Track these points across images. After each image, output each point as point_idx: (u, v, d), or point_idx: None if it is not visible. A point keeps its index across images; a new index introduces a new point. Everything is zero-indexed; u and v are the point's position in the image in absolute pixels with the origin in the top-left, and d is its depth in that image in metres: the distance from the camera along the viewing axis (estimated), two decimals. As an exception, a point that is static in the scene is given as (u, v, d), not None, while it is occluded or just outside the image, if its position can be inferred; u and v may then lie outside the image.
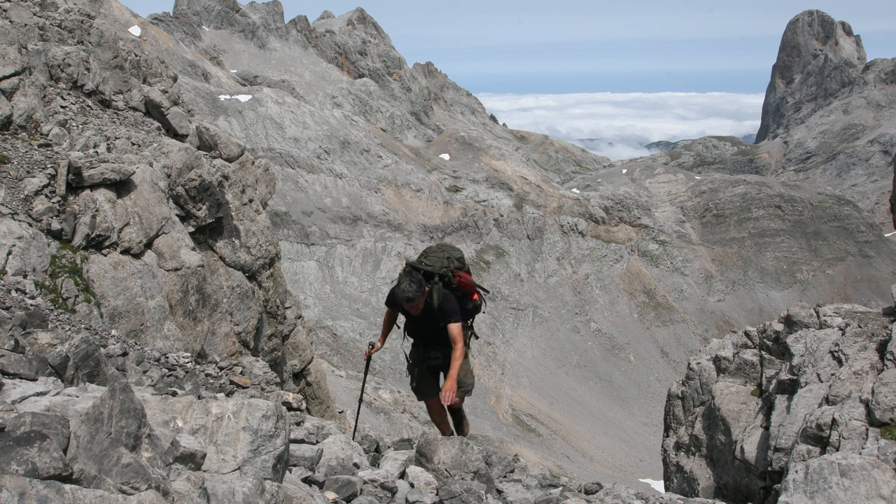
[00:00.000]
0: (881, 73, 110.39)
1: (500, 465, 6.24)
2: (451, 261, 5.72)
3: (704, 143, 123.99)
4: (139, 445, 2.31)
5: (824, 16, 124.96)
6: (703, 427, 8.47)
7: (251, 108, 58.75)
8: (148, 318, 8.80)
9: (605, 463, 44.50)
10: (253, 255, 11.94)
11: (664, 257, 67.70)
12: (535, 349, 55.60)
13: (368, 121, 73.84)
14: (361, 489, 4.40)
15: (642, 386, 56.33)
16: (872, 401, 5.12)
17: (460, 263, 5.79)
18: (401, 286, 5.33)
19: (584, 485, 6.40)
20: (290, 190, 54.85)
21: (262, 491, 2.49)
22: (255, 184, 13.18)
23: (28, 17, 10.61)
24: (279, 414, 3.01)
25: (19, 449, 1.82)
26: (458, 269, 5.75)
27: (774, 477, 5.99)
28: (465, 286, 5.75)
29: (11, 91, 9.44)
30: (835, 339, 6.54)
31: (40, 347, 4.02)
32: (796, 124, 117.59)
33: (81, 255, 8.35)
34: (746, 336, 8.61)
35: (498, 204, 64.28)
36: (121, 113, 11.26)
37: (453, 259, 5.74)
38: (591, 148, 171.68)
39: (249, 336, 11.35)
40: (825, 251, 70.30)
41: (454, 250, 5.84)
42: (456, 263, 5.74)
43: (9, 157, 8.48)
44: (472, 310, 5.88)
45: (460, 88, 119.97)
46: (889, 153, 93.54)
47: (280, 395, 7.83)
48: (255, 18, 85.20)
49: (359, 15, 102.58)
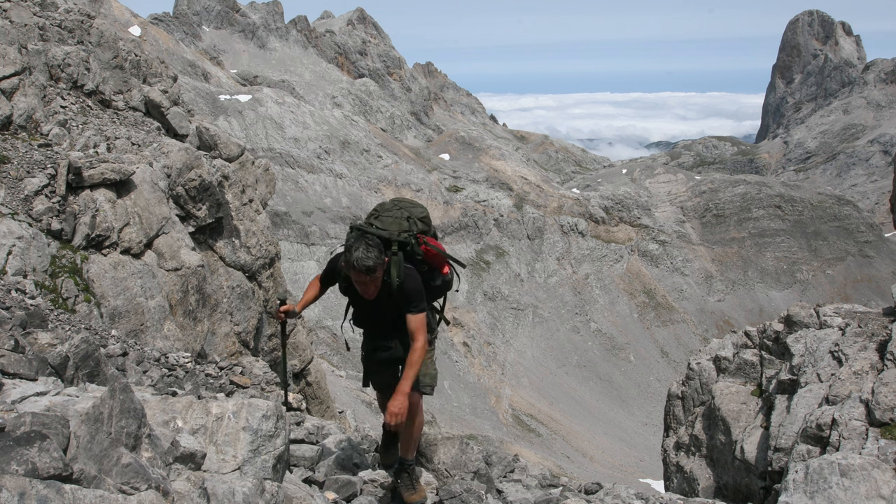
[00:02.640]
0: (881, 73, 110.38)
1: (500, 465, 6.24)
2: (413, 222, 4.24)
3: (704, 143, 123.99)
4: (139, 445, 2.31)
5: (824, 16, 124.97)
6: (703, 427, 8.47)
7: (251, 108, 58.75)
8: (148, 318, 8.80)
9: (605, 463, 44.50)
10: (253, 255, 11.94)
11: (664, 257, 67.70)
12: (535, 349, 55.60)
13: (368, 121, 73.84)
14: (361, 489, 4.40)
15: (642, 386, 56.34)
16: (872, 401, 5.12)
17: (425, 226, 4.31)
18: (354, 254, 3.86)
19: (584, 485, 6.39)
20: (290, 190, 54.85)
21: (262, 491, 2.49)
22: (255, 184, 13.18)
23: (28, 17, 10.61)
24: (279, 414, 3.01)
25: (19, 449, 1.82)
26: (423, 234, 4.29)
27: (774, 477, 5.99)
28: (432, 256, 4.28)
29: (11, 91, 9.44)
30: (835, 339, 6.54)
31: (40, 347, 4.02)
32: (796, 124, 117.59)
33: (81, 255, 8.35)
34: (746, 336, 8.60)
35: (498, 204, 64.28)
36: (121, 113, 11.26)
37: (415, 220, 4.26)
38: (591, 148, 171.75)
39: (249, 336, 11.35)
40: (825, 251, 70.31)
41: (416, 207, 4.35)
42: (419, 226, 4.26)
43: (9, 157, 8.48)
44: (440, 287, 4.43)
45: (460, 88, 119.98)
46: (889, 153, 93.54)
47: (280, 395, 7.82)
48: (255, 18, 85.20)
49: (359, 15, 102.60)
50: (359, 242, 3.89)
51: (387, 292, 4.08)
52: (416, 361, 4.02)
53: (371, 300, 4.12)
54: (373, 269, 3.86)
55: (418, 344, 4.04)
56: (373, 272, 3.87)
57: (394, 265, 4.06)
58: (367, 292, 4.03)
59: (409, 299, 4.07)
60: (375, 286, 4.00)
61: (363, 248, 3.86)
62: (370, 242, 3.90)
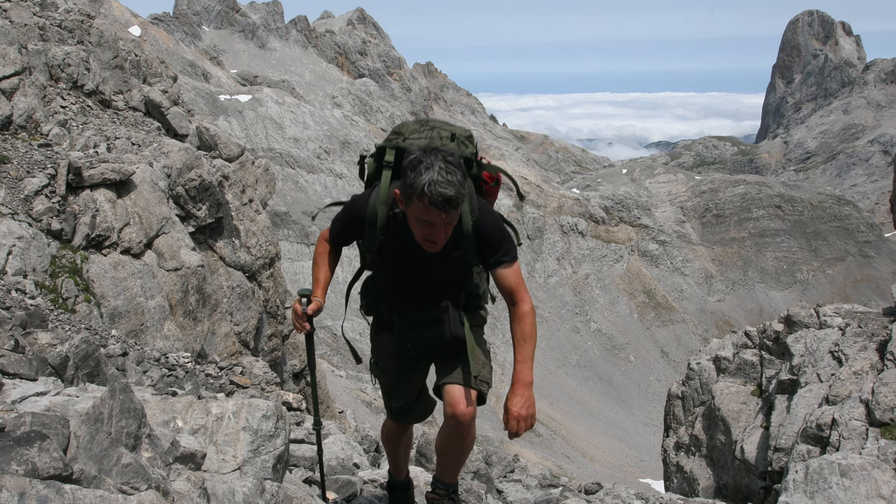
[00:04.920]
0: (881, 73, 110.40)
1: (500, 465, 6.24)
2: (461, 142, 2.87)
3: (704, 143, 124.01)
4: (139, 445, 2.31)
5: (824, 16, 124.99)
6: (703, 427, 8.47)
7: (251, 108, 58.76)
8: (148, 318, 8.80)
9: (605, 463, 44.50)
10: (253, 255, 11.94)
11: (664, 257, 67.71)
12: (536, 349, 55.55)
13: (368, 121, 73.84)
14: (361, 489, 4.40)
15: (642, 386, 56.34)
16: (872, 401, 5.12)
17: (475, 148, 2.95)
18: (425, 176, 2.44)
19: (584, 485, 6.40)
20: (290, 190, 54.86)
21: (262, 491, 2.49)
22: (255, 184, 13.18)
23: (28, 17, 10.61)
24: (279, 414, 3.01)
25: (19, 449, 1.82)
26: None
27: (774, 477, 5.99)
28: (493, 191, 3.03)
29: (11, 91, 9.44)
30: (835, 339, 6.54)
31: (40, 347, 4.02)
32: (796, 124, 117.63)
33: (81, 255, 8.35)
34: (746, 336, 8.61)
35: (498, 204, 64.27)
36: (121, 113, 11.26)
37: (461, 139, 2.87)
38: (591, 148, 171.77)
39: (249, 336, 11.35)
40: (825, 251, 70.31)
41: (454, 126, 2.92)
42: (472, 148, 2.91)
43: (9, 157, 8.48)
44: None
45: (460, 88, 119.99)
46: (889, 153, 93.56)
47: (280, 395, 7.83)
48: (255, 18, 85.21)
49: (359, 15, 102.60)
50: (432, 158, 2.46)
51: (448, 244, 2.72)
52: (532, 333, 2.81)
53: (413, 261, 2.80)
54: (454, 200, 2.44)
55: (527, 305, 2.82)
56: (454, 206, 2.46)
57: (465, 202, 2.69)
58: (435, 240, 2.59)
59: (496, 244, 2.78)
60: (446, 233, 2.60)
61: (440, 166, 2.43)
62: (450, 160, 2.48)
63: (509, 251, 2.82)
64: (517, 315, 2.82)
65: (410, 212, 2.58)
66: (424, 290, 2.92)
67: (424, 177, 2.44)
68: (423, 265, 2.83)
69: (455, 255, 2.79)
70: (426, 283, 2.90)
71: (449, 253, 2.76)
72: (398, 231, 2.80)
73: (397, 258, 2.87)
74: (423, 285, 2.91)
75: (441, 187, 2.42)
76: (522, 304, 2.81)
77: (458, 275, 2.90)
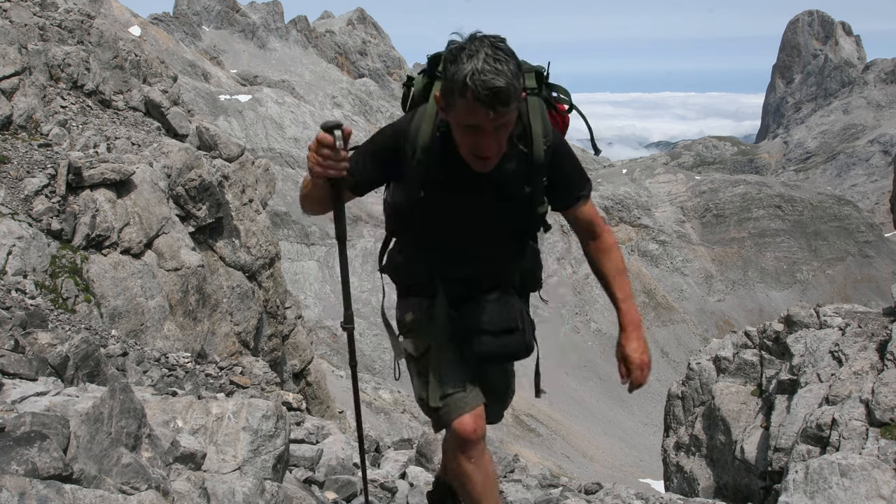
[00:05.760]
0: (881, 73, 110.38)
1: (499, 464, 6.24)
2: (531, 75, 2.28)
3: (704, 143, 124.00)
4: (139, 445, 2.31)
5: (824, 16, 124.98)
6: (703, 427, 8.47)
7: (251, 108, 58.76)
8: (148, 318, 8.80)
9: (605, 463, 44.50)
10: (253, 255, 11.94)
11: (664, 257, 67.71)
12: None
13: (368, 121, 73.82)
14: (361, 489, 4.40)
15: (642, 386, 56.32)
16: (872, 401, 5.12)
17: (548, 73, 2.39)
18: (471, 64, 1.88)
19: (584, 485, 6.39)
20: (290, 190, 54.84)
21: (262, 491, 2.49)
22: (255, 184, 13.18)
23: (28, 17, 10.61)
24: (279, 414, 3.01)
25: (19, 449, 1.82)
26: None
27: (774, 477, 5.99)
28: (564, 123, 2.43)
29: (11, 91, 9.44)
30: (835, 339, 6.54)
31: (40, 347, 4.02)
32: (796, 124, 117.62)
33: (81, 255, 8.35)
34: (746, 336, 8.61)
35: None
36: (121, 113, 11.26)
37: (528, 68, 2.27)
38: (591, 148, 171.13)
39: (249, 336, 11.35)
40: (825, 251, 70.31)
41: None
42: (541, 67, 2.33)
43: (9, 157, 8.48)
44: None
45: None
46: (889, 153, 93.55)
47: (280, 395, 7.83)
48: (255, 18, 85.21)
49: (359, 15, 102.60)
50: (477, 44, 1.92)
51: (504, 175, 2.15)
52: (625, 266, 2.44)
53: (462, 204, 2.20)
54: (505, 93, 1.88)
55: (611, 238, 2.42)
56: (504, 102, 1.89)
57: (534, 114, 2.16)
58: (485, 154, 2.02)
59: (577, 176, 2.34)
60: (499, 144, 2.01)
61: (487, 52, 1.89)
62: (500, 45, 1.93)
63: (585, 185, 2.35)
64: (604, 247, 2.39)
65: (454, 118, 1.99)
66: (476, 246, 2.30)
67: (467, 66, 1.88)
68: (474, 207, 2.19)
69: (525, 192, 2.19)
70: (479, 233, 2.26)
71: (514, 188, 2.17)
72: (445, 159, 2.14)
73: (441, 200, 2.19)
74: (474, 237, 2.28)
75: (487, 75, 1.86)
76: (607, 234, 2.40)
77: (523, 223, 2.31)
